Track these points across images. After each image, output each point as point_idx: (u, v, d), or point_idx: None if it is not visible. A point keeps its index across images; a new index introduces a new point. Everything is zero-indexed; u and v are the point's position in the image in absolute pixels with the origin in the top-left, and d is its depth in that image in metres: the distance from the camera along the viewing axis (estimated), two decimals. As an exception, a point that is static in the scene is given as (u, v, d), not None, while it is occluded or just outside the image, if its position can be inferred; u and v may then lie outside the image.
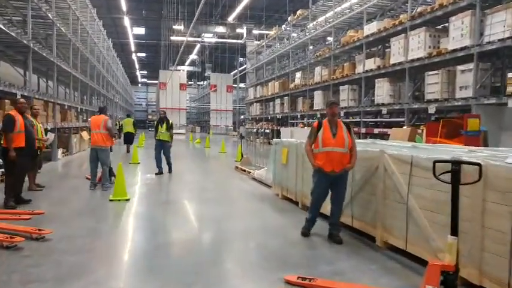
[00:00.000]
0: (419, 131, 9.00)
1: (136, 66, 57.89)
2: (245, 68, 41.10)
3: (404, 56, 12.70)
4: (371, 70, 14.86)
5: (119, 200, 6.87)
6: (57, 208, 6.34)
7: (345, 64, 17.58)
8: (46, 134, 8.14)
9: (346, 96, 16.76)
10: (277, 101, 25.53)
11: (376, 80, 14.56)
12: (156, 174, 10.23)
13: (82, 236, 4.89)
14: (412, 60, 12.28)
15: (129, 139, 17.53)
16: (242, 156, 13.09)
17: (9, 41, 10.71)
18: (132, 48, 43.72)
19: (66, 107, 15.03)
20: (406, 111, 12.77)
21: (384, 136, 13.81)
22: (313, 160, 4.87)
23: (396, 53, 13.19)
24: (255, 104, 31.58)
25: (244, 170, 10.95)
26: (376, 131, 14.65)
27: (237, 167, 11.78)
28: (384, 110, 14.03)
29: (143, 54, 52.28)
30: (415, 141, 7.84)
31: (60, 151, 13.68)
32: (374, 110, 15.13)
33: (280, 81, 25.50)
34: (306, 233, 5.03)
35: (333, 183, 4.84)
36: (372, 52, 16.58)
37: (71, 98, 16.88)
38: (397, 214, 4.30)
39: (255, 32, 36.89)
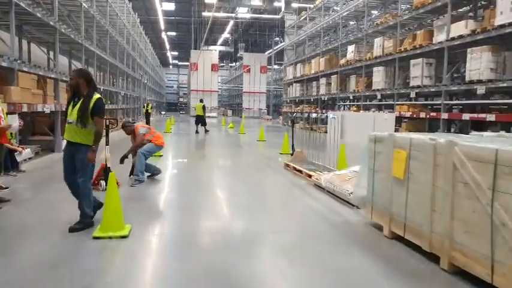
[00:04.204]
0: None
1: (167, 46, 55.43)
2: (280, 47, 37.66)
3: (520, 13, 9.17)
4: (460, 37, 11.30)
5: (110, 238, 3.98)
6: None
7: (417, 32, 14.02)
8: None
9: (419, 73, 13.29)
10: (322, 80, 22.09)
11: (468, 50, 10.99)
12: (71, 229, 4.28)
13: None
14: (536, 18, 8.76)
15: (200, 120, 19.35)
16: (293, 149, 9.96)
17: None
18: (162, 26, 41.00)
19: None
20: (520, 90, 9.29)
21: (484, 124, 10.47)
22: None
23: (506, 10, 9.60)
24: (294, 84, 28.19)
25: (301, 171, 7.89)
26: (466, 116, 11.18)
27: (288, 165, 8.73)
28: (482, 89, 10.50)
29: (173, 33, 49.59)
30: None
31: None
32: (462, 89, 11.60)
33: (327, 57, 21.99)
34: None
35: None
36: (458, 14, 12.94)
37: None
38: None
39: (294, 5, 33.23)
